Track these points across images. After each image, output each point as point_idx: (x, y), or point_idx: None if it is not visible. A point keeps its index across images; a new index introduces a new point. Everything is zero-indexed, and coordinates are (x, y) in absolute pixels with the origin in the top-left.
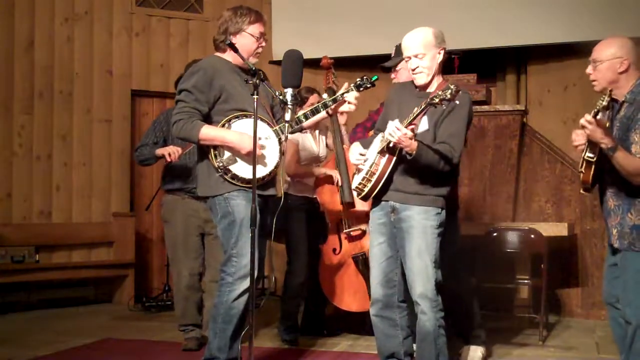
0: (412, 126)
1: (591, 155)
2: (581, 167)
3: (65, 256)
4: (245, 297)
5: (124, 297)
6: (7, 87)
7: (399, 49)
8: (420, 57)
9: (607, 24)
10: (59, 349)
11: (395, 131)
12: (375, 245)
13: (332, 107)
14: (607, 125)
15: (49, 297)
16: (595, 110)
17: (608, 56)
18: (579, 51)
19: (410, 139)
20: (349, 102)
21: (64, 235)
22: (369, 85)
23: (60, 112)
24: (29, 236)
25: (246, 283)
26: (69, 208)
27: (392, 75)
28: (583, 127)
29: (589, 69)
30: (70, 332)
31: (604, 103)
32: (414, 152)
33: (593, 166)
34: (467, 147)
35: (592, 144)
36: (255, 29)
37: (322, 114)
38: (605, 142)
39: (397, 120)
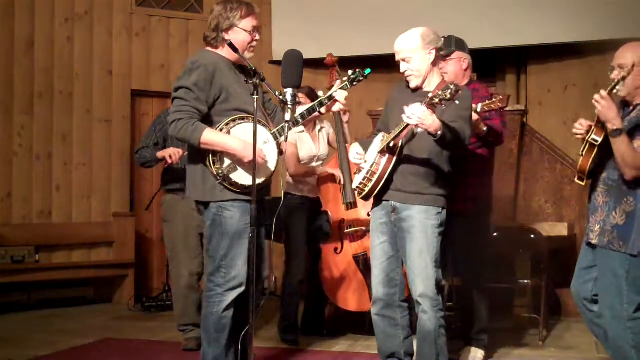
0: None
1: (596, 138)
2: (582, 150)
3: (65, 256)
4: (233, 307)
5: (124, 297)
6: (7, 87)
7: (448, 40)
8: (407, 61)
9: (607, 24)
10: (59, 349)
11: (414, 113)
12: (376, 244)
13: (325, 106)
14: None
15: (49, 297)
16: (612, 85)
17: (638, 62)
18: (579, 51)
19: (432, 115)
20: (337, 101)
21: (64, 235)
22: (361, 79)
23: (60, 112)
24: (29, 236)
25: (236, 293)
26: (69, 208)
27: (441, 65)
28: (596, 102)
29: (615, 74)
30: (70, 332)
31: (625, 74)
32: (440, 130)
33: (595, 150)
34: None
35: (599, 127)
36: (248, 22)
37: (315, 113)
38: (614, 123)
39: (417, 104)
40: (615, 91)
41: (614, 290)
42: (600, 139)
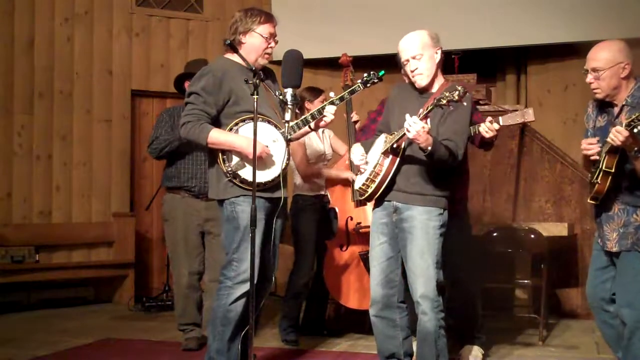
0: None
1: (610, 166)
2: (596, 178)
3: (65, 256)
4: (243, 301)
5: (124, 297)
6: (7, 87)
7: None
8: (418, 58)
9: (607, 24)
10: (59, 349)
11: (412, 125)
12: (376, 245)
13: (314, 122)
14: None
15: (49, 297)
16: (629, 121)
17: (610, 63)
18: (579, 51)
19: (427, 133)
20: (324, 116)
21: (64, 235)
22: (376, 81)
23: (60, 112)
24: (29, 236)
25: (245, 287)
26: (69, 208)
27: None
28: (615, 137)
29: (590, 78)
30: (70, 332)
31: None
32: (430, 146)
33: (610, 177)
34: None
35: (610, 156)
36: (265, 29)
37: (306, 128)
38: (632, 146)
39: (415, 117)
40: (635, 131)
41: (634, 287)
42: (614, 167)
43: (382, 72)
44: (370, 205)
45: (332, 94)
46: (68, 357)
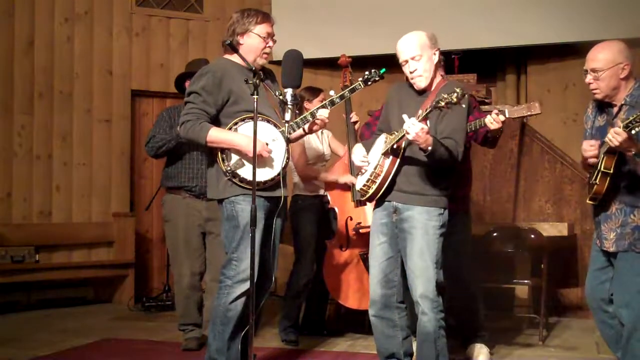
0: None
1: (609, 167)
2: (595, 179)
3: (65, 256)
4: (243, 300)
5: (124, 297)
6: (7, 87)
7: None
8: (417, 59)
9: (607, 24)
10: (59, 349)
11: (411, 127)
12: (376, 245)
13: (307, 125)
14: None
15: (49, 297)
16: (627, 122)
17: (609, 64)
18: (579, 51)
19: (427, 133)
20: (316, 120)
21: (64, 235)
22: (377, 79)
23: (60, 112)
24: (29, 236)
25: (245, 286)
26: (69, 208)
27: None
28: (613, 138)
29: (589, 79)
30: (70, 332)
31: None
32: (430, 146)
33: (608, 178)
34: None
35: (609, 157)
36: (262, 29)
37: (300, 131)
38: (633, 149)
39: (413, 118)
40: (634, 132)
41: (632, 288)
42: (612, 168)
43: (383, 69)
44: (370, 206)
45: (332, 92)
46: (68, 357)
